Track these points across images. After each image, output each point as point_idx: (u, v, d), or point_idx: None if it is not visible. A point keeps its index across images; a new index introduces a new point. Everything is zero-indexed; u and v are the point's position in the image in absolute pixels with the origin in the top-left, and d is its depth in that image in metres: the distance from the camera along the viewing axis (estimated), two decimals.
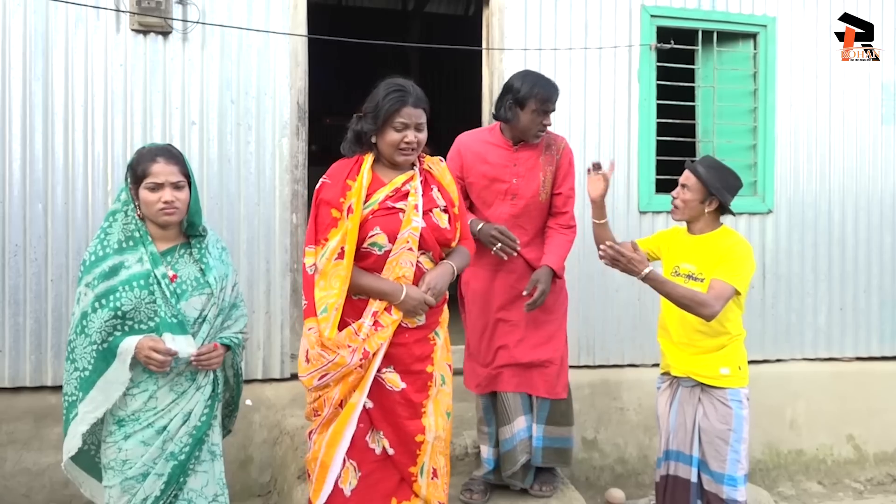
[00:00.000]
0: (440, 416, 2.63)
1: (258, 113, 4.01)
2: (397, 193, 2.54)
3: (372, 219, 2.50)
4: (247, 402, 3.92)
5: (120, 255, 2.25)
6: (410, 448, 2.57)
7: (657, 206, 4.52)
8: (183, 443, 2.28)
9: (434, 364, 2.63)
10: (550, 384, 3.23)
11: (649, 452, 4.42)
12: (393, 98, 2.50)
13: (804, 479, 4.64)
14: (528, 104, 3.08)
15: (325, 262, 2.45)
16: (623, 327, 4.55)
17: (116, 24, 3.82)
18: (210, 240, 2.43)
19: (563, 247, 3.20)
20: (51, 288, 3.76)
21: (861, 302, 4.95)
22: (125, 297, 2.21)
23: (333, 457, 2.53)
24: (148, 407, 2.26)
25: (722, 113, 4.72)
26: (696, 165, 2.87)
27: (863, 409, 4.81)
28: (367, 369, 2.51)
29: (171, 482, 2.26)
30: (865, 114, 4.93)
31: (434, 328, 2.65)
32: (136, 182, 2.28)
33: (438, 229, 2.58)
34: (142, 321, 2.23)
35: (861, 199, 4.94)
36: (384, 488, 2.58)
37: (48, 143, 3.76)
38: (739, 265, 2.77)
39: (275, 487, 3.84)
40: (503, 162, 3.20)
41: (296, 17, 4.06)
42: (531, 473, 3.37)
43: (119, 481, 2.23)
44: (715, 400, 2.83)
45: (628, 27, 4.53)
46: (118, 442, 2.25)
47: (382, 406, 2.55)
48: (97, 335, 2.21)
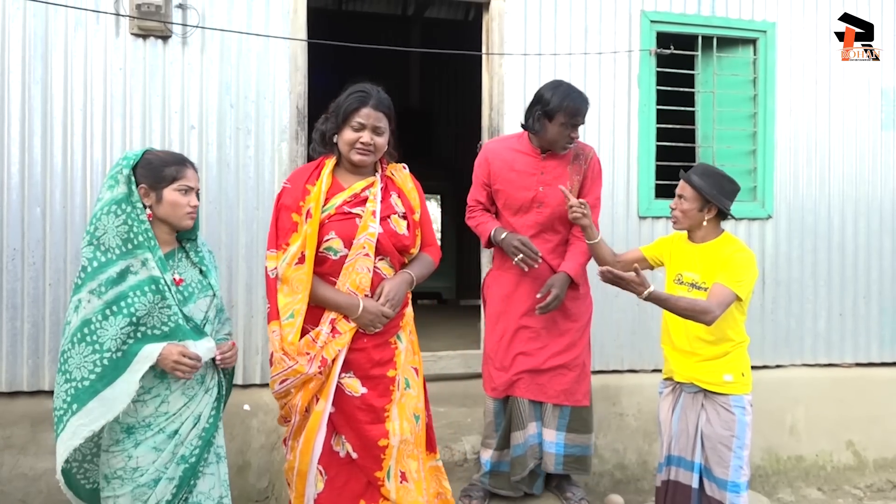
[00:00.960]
0: (406, 420, 2.64)
1: (257, 117, 4.01)
2: (355, 199, 2.58)
3: (328, 223, 2.54)
4: (245, 407, 3.91)
5: (125, 260, 2.20)
6: (374, 453, 2.58)
7: (657, 211, 4.52)
8: (193, 445, 2.27)
9: (397, 368, 2.65)
10: (569, 391, 3.23)
11: (649, 458, 4.41)
12: (353, 98, 2.57)
13: (804, 486, 4.63)
14: (556, 117, 3.09)
15: (285, 268, 2.50)
16: (622, 332, 4.54)
17: (116, 28, 3.82)
18: (199, 242, 2.45)
19: (582, 254, 3.20)
20: (48, 292, 3.75)
21: (861, 308, 4.94)
22: (138, 302, 2.17)
23: (309, 464, 2.58)
24: (160, 412, 2.24)
25: (722, 118, 4.72)
26: (691, 175, 2.86)
27: (863, 416, 4.80)
28: (329, 376, 2.54)
29: (182, 485, 2.25)
30: (865, 119, 4.93)
31: (395, 332, 2.67)
32: (160, 182, 2.26)
33: (396, 235, 2.61)
34: (155, 326, 2.21)
35: (861, 204, 4.94)
36: (351, 491, 2.59)
37: (47, 146, 3.75)
38: (741, 271, 2.77)
39: (272, 493, 3.82)
40: (530, 170, 3.21)
41: (296, 21, 4.06)
42: (540, 480, 3.37)
43: (130, 489, 2.20)
44: (718, 406, 2.82)
45: (628, 32, 4.54)
46: (127, 450, 2.21)
47: (343, 411, 2.58)
48: (111, 343, 2.14)
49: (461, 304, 8.56)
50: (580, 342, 3.28)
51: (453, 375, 4.37)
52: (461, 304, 8.60)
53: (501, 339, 3.28)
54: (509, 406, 3.30)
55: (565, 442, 3.26)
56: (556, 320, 3.23)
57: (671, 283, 2.99)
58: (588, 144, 3.35)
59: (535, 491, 3.38)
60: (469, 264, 7.24)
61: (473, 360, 4.43)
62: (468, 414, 4.15)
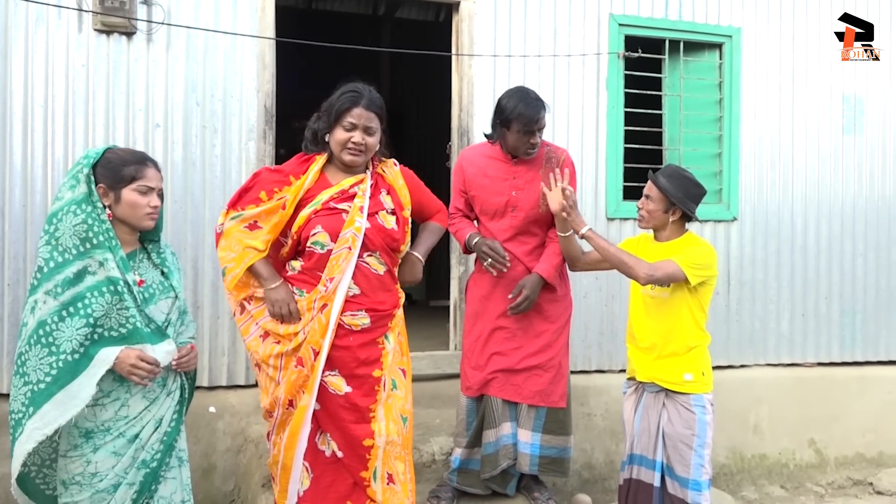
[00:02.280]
0: (392, 421, 2.64)
1: (224, 116, 3.96)
2: (343, 195, 2.61)
3: (314, 218, 2.57)
4: (210, 410, 3.85)
5: (82, 260, 2.14)
6: (359, 452, 2.58)
7: (625, 212, 4.56)
8: (154, 450, 2.23)
9: (383, 368, 2.65)
10: (545, 392, 3.23)
11: (616, 458, 4.44)
12: (345, 98, 2.59)
13: (767, 484, 4.70)
14: (512, 124, 3.11)
15: (232, 224, 2.58)
16: (591, 333, 4.58)
17: (79, 24, 3.75)
18: (162, 243, 2.41)
19: (556, 255, 3.21)
20: (7, 292, 3.66)
21: (822, 308, 5.04)
22: (95, 303, 2.12)
23: (293, 459, 2.57)
24: (119, 416, 2.19)
25: (688, 121, 4.78)
26: (658, 176, 2.91)
27: (824, 414, 4.89)
28: (312, 371, 2.55)
29: (143, 490, 2.20)
30: (827, 124, 5.04)
31: (383, 332, 2.68)
32: (119, 182, 2.20)
33: (384, 230, 2.64)
34: (113, 328, 2.16)
35: (823, 207, 5.03)
36: (337, 491, 2.59)
37: (6, 144, 3.66)
38: (696, 258, 2.82)
39: (238, 496, 3.77)
40: (502, 175, 3.23)
41: (264, 19, 4.02)
42: (514, 481, 3.38)
43: (88, 495, 2.15)
44: (679, 405, 2.85)
45: (597, 35, 4.57)
46: (86, 455, 2.15)
47: (327, 409, 2.59)
48: (67, 344, 2.09)
49: (431, 305, 8.55)
50: (556, 343, 3.28)
51: (422, 376, 4.36)
52: (431, 304, 8.60)
53: (478, 339, 3.29)
54: (483, 405, 3.30)
55: (541, 443, 3.26)
56: (533, 321, 3.24)
57: (635, 283, 3.02)
58: (560, 147, 3.37)
59: (509, 492, 3.38)
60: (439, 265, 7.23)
61: (442, 361, 4.43)
62: (437, 415, 4.14)
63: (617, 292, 4.55)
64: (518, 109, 3.08)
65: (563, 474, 3.37)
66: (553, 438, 3.27)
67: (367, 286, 2.63)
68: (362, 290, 2.61)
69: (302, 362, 2.57)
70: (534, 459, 3.25)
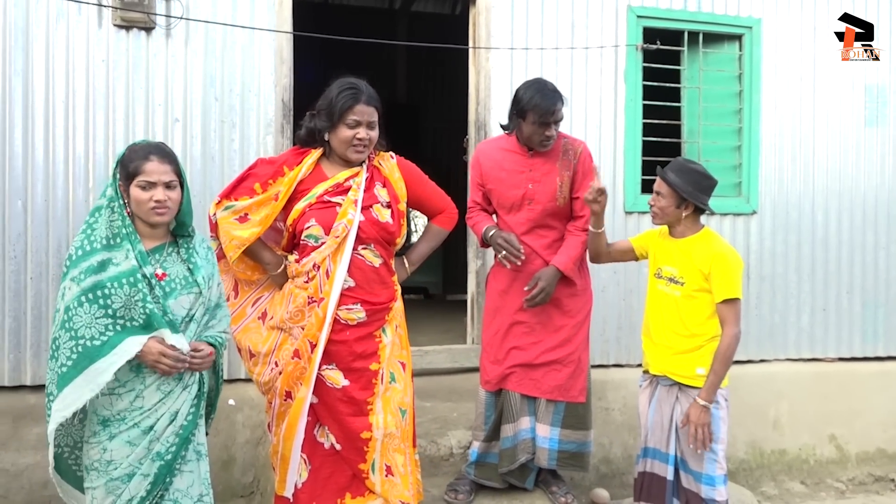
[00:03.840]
0: (391, 414, 2.67)
1: (242, 110, 3.98)
2: (337, 188, 2.64)
3: (309, 211, 2.61)
4: (230, 402, 3.89)
5: (108, 252, 2.20)
6: (357, 445, 2.61)
7: (643, 206, 4.52)
8: (169, 442, 2.25)
9: (381, 361, 2.68)
10: (564, 387, 3.22)
11: (634, 452, 4.40)
12: (346, 96, 2.59)
13: (787, 479, 4.67)
14: (528, 116, 3.09)
15: (224, 215, 2.65)
16: (609, 327, 4.56)
17: (98, 20, 3.77)
18: (196, 239, 2.41)
19: (574, 248, 3.20)
20: (30, 286, 3.71)
21: (844, 302, 4.98)
22: (115, 293, 2.16)
23: (292, 449, 2.62)
24: (134, 406, 2.22)
25: (707, 114, 4.73)
26: (667, 171, 2.86)
27: (845, 410, 4.84)
28: (310, 363, 2.59)
29: (157, 482, 2.22)
30: (849, 115, 4.97)
31: (380, 326, 2.70)
32: (128, 179, 2.24)
33: (378, 224, 2.66)
34: (133, 319, 2.19)
35: (844, 199, 4.97)
36: (336, 483, 2.63)
37: (28, 139, 3.70)
38: (730, 274, 2.79)
39: (258, 488, 3.81)
40: (519, 168, 3.22)
41: (281, 13, 4.03)
42: (532, 475, 3.37)
43: (104, 482, 2.19)
44: (692, 399, 2.83)
45: (615, 27, 4.54)
46: (102, 442, 2.20)
47: (325, 402, 2.63)
48: (86, 330, 2.14)
49: (448, 299, 8.55)
50: (576, 338, 3.27)
51: (439, 370, 4.37)
52: (448, 298, 8.60)
53: (496, 334, 3.29)
54: (501, 399, 3.30)
55: (560, 438, 3.25)
56: (552, 316, 3.23)
57: (652, 277, 3.01)
58: (578, 139, 3.35)
59: (527, 485, 3.38)
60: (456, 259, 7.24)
61: (460, 354, 4.43)
62: (454, 409, 4.15)
63: (635, 286, 4.53)
64: (534, 100, 3.06)
65: (582, 469, 3.36)
66: (572, 433, 3.26)
67: (363, 279, 2.65)
68: (357, 282, 2.64)
69: (299, 354, 2.61)
70: (552, 454, 3.24)
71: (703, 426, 2.75)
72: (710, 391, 2.76)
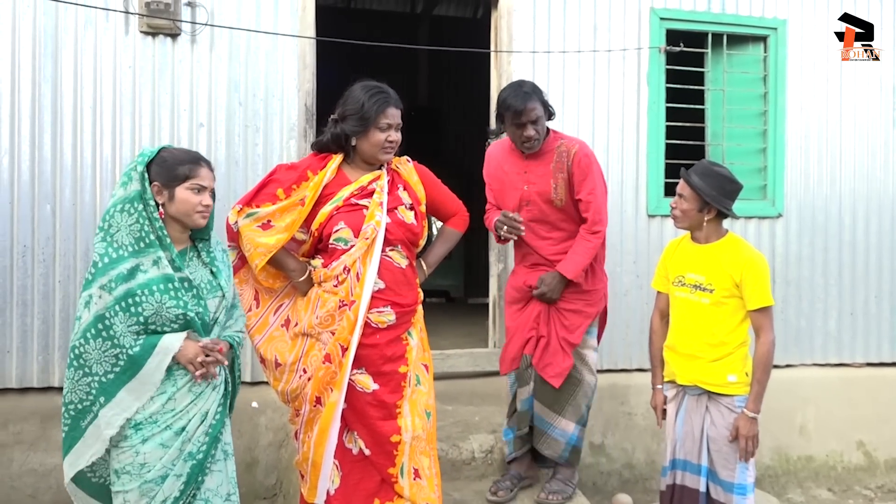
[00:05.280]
0: (417, 417, 2.67)
1: (266, 115, 4.02)
2: (362, 191, 2.65)
3: (337, 214, 2.61)
4: (253, 405, 3.92)
5: (136, 258, 2.20)
6: (386, 449, 2.61)
7: (665, 209, 4.48)
8: (200, 442, 2.27)
9: (408, 364, 2.69)
10: (541, 361, 3.25)
11: (657, 458, 4.39)
12: (378, 100, 2.62)
13: (814, 486, 4.60)
14: (504, 118, 3.16)
15: (246, 223, 2.62)
16: (631, 331, 4.52)
17: (125, 26, 3.83)
18: (213, 242, 2.44)
19: (579, 252, 3.21)
20: (58, 289, 3.77)
21: (872, 307, 4.90)
22: (146, 301, 2.17)
23: (323, 455, 2.60)
24: (166, 409, 2.23)
25: (732, 116, 4.69)
26: (690, 174, 2.80)
27: (873, 416, 4.76)
28: (341, 368, 2.58)
29: (190, 482, 2.24)
30: (877, 117, 4.90)
31: (406, 328, 2.71)
32: (174, 181, 2.25)
33: (404, 225, 2.69)
34: (164, 324, 2.21)
35: (872, 202, 4.90)
36: (365, 488, 2.62)
37: (57, 144, 3.77)
38: (764, 281, 2.77)
39: (280, 490, 3.83)
40: (516, 170, 3.28)
41: (304, 19, 4.06)
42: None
43: (137, 485, 2.20)
44: (722, 407, 2.79)
45: (637, 30, 4.51)
46: (135, 446, 2.20)
47: (354, 407, 2.62)
48: (124, 339, 2.15)
49: (469, 303, 8.55)
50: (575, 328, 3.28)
51: (461, 374, 4.36)
52: (469, 302, 8.59)
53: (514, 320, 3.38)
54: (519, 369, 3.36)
55: (532, 406, 3.32)
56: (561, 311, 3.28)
57: (671, 287, 2.94)
58: (575, 139, 3.35)
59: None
60: (478, 263, 7.24)
61: (481, 358, 4.42)
62: (476, 412, 4.14)
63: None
64: (507, 102, 3.10)
65: (550, 450, 3.31)
66: (542, 409, 3.30)
67: (392, 280, 2.66)
68: (387, 284, 2.65)
69: (330, 359, 2.59)
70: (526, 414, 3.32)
71: (752, 438, 2.72)
72: (756, 401, 2.73)
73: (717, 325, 2.80)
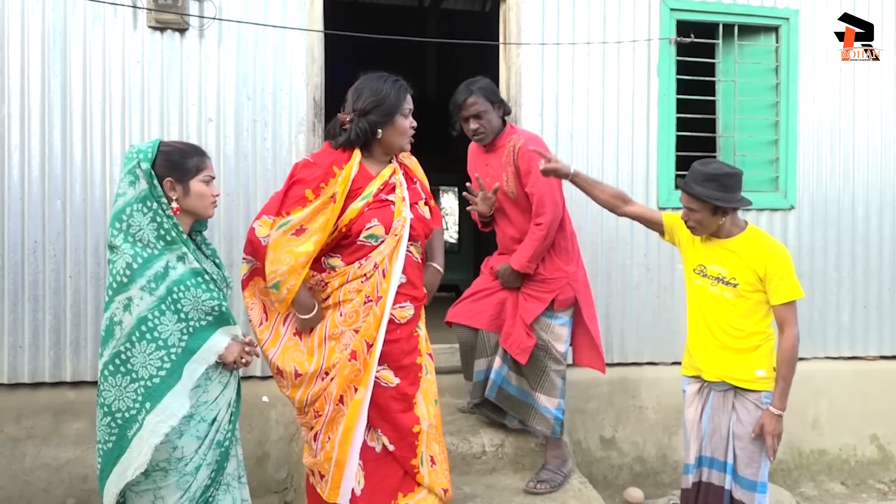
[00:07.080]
0: (429, 405, 2.71)
1: (274, 109, 4.01)
2: (387, 186, 2.62)
3: (368, 211, 2.56)
4: (264, 399, 3.92)
5: (165, 255, 2.18)
6: (409, 441, 2.62)
7: (676, 201, 4.46)
8: (226, 430, 2.30)
9: (422, 355, 2.72)
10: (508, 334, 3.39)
11: (668, 452, 4.37)
12: (398, 87, 2.62)
13: (826, 480, 4.57)
14: (453, 113, 3.35)
15: (278, 234, 2.47)
16: (642, 325, 4.50)
17: (133, 21, 3.83)
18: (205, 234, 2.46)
19: (525, 244, 3.34)
20: (69, 284, 3.78)
21: (885, 299, 4.85)
22: (184, 298, 2.17)
23: (348, 454, 2.56)
24: (200, 402, 2.24)
25: (743, 108, 4.64)
26: (691, 185, 2.74)
27: (887, 409, 4.72)
28: (366, 365, 2.55)
29: (219, 469, 2.27)
30: (890, 108, 4.83)
31: (419, 321, 2.76)
32: (186, 174, 2.23)
33: (424, 220, 2.71)
34: (200, 318, 2.21)
35: (886, 194, 4.84)
36: (389, 485, 2.62)
37: (66, 139, 3.78)
38: (790, 274, 2.75)
39: (291, 484, 3.84)
40: (481, 164, 3.48)
41: (312, 13, 4.05)
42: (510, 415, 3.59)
43: (175, 480, 2.19)
44: (749, 403, 2.76)
45: (647, 21, 4.47)
46: (172, 440, 2.17)
47: (377, 404, 2.60)
48: (172, 338, 2.14)
49: None
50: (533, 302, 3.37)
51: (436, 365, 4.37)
52: None
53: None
54: (477, 337, 3.51)
55: (504, 376, 3.45)
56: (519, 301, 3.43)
57: (691, 273, 2.91)
58: (526, 132, 3.49)
59: (507, 422, 3.63)
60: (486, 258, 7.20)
61: None
62: None
63: (668, 284, 4.47)
64: (454, 96, 3.28)
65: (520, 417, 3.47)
66: (517, 378, 3.44)
67: (413, 274, 2.68)
68: (409, 278, 2.65)
69: (356, 356, 2.54)
70: (493, 386, 3.47)
71: (777, 436, 2.71)
72: (782, 398, 2.71)
73: (742, 317, 2.77)
